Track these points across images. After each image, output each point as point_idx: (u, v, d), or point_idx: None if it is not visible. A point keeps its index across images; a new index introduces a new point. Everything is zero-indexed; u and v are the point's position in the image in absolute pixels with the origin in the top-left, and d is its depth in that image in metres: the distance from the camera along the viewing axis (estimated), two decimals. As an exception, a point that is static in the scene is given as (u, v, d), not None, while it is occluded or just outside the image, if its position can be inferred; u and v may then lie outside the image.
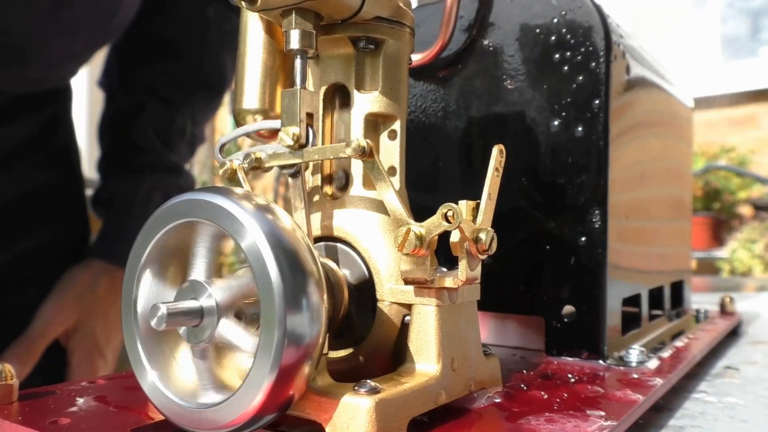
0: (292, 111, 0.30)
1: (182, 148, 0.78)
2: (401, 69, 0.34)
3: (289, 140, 0.30)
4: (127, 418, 0.29)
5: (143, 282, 0.27)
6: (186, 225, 0.26)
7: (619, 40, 0.44)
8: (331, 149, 0.30)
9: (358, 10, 0.31)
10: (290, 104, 0.30)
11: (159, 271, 0.27)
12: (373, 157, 0.29)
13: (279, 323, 0.23)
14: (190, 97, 0.77)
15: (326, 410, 0.26)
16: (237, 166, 0.31)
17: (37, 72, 0.66)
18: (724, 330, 0.57)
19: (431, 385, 0.28)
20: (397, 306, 0.30)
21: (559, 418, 0.30)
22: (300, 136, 0.30)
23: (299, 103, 0.30)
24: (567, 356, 0.43)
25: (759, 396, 0.40)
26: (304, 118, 0.30)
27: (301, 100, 0.30)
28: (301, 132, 0.30)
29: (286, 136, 0.30)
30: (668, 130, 0.58)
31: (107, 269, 0.72)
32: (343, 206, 0.33)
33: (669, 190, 0.58)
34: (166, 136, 0.76)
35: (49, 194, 0.71)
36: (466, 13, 0.47)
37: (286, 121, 0.30)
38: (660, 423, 0.36)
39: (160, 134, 0.75)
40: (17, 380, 0.31)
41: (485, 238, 0.29)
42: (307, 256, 0.24)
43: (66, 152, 0.75)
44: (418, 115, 0.49)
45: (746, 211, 2.31)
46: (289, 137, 0.30)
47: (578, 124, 0.43)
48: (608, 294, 0.42)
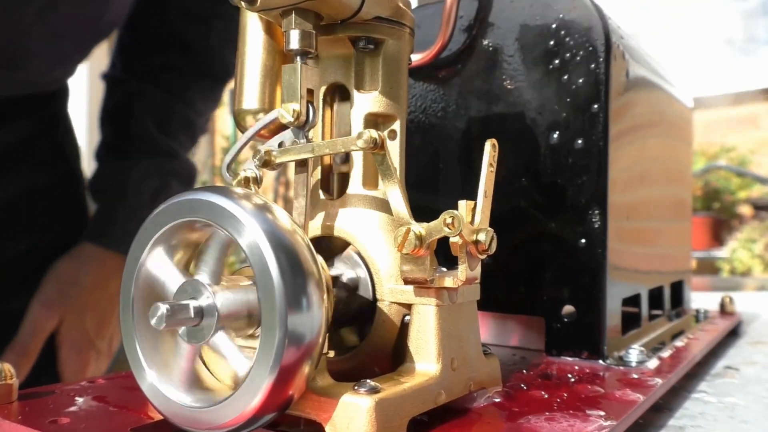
0: (292, 87, 0.30)
1: (182, 136, 0.77)
2: (401, 69, 0.34)
3: (289, 117, 0.30)
4: (126, 418, 0.29)
5: (141, 281, 0.27)
6: (188, 225, 0.26)
7: (619, 40, 0.44)
8: (341, 142, 0.29)
9: (358, 10, 0.31)
10: (291, 80, 0.30)
11: (158, 271, 0.27)
12: (384, 149, 0.29)
13: (279, 323, 0.23)
14: (191, 86, 0.76)
15: (326, 410, 0.26)
16: (250, 177, 0.31)
17: (29, 76, 0.66)
18: (724, 330, 0.57)
19: (431, 385, 0.28)
20: (396, 306, 0.30)
21: (559, 417, 0.30)
22: (300, 112, 0.30)
23: (299, 78, 0.30)
24: (567, 356, 0.43)
25: (759, 396, 0.40)
26: (304, 95, 0.30)
27: (301, 74, 0.30)
28: (301, 108, 0.30)
29: (287, 112, 0.30)
30: (668, 130, 0.58)
31: (98, 255, 0.70)
32: (343, 206, 0.33)
33: (669, 191, 0.58)
34: (165, 125, 0.75)
35: (47, 193, 0.71)
36: (465, 14, 0.47)
37: (287, 97, 0.30)
38: (660, 423, 0.36)
39: (159, 123, 0.74)
40: (17, 380, 0.31)
41: (485, 238, 0.29)
42: (307, 256, 0.24)
43: (64, 151, 0.74)
44: (417, 115, 0.49)
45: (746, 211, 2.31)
46: (289, 113, 0.30)
47: (578, 124, 0.43)
48: (608, 294, 0.42)
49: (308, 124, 0.30)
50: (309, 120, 0.30)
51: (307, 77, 0.30)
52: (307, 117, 0.30)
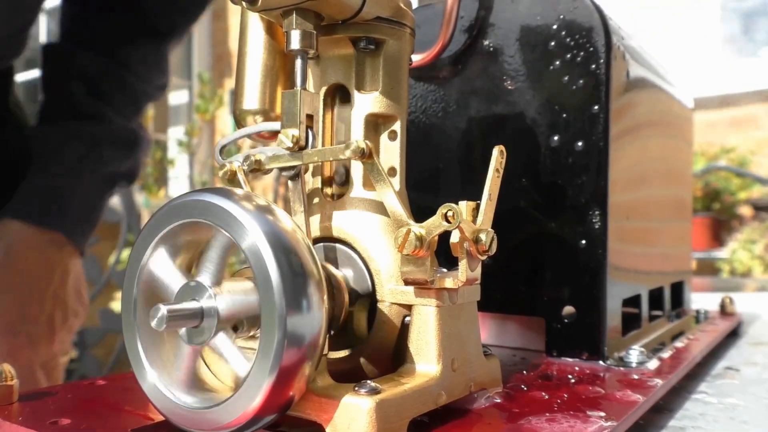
0: (291, 113, 0.30)
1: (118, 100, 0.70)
2: (401, 69, 0.34)
3: (288, 143, 0.30)
4: (127, 419, 0.29)
5: (142, 282, 0.27)
6: (189, 226, 0.26)
7: (619, 41, 0.44)
8: (330, 151, 0.30)
9: (359, 11, 0.31)
10: (290, 106, 0.30)
11: (160, 272, 0.27)
12: (372, 158, 0.29)
13: (279, 324, 0.23)
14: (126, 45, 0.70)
15: (326, 411, 0.26)
16: (237, 168, 0.31)
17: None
18: (724, 331, 0.57)
19: (431, 386, 0.28)
20: (397, 307, 0.30)
21: (560, 418, 0.30)
22: (299, 138, 0.30)
23: (299, 104, 0.30)
24: (567, 357, 0.43)
25: (759, 397, 0.40)
26: (303, 120, 0.30)
27: (301, 101, 0.30)
28: (300, 134, 0.30)
29: (286, 138, 0.30)
30: (668, 130, 0.58)
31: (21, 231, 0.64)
32: (343, 207, 0.33)
33: (669, 191, 0.58)
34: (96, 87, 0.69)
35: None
36: (466, 14, 0.47)
37: (286, 123, 0.30)
38: (660, 424, 0.36)
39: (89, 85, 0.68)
40: (17, 380, 0.31)
41: (485, 238, 0.29)
42: (307, 257, 0.24)
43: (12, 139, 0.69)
44: (418, 116, 0.49)
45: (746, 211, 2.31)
46: (288, 140, 0.30)
47: (579, 124, 0.43)
48: (608, 295, 0.42)
49: (307, 149, 0.30)
50: (308, 146, 0.30)
51: (307, 103, 0.30)
52: (306, 142, 0.30)
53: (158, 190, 2.67)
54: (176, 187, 3.43)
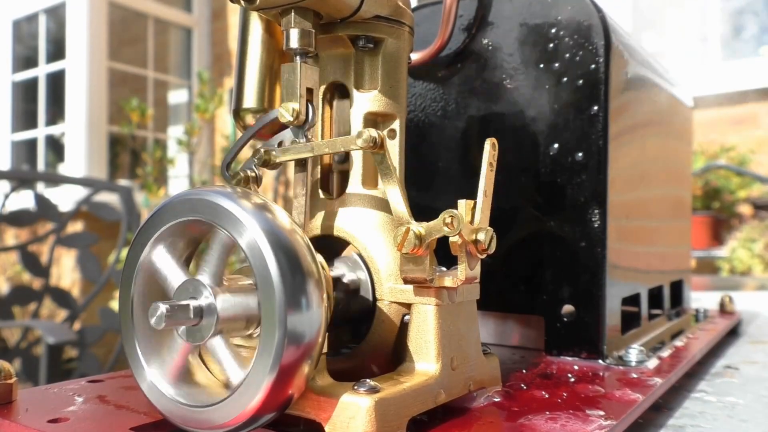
0: (291, 85, 0.30)
1: None
2: (400, 68, 0.34)
3: (288, 116, 0.30)
4: (126, 418, 0.29)
5: (140, 280, 0.27)
6: (189, 224, 0.26)
7: (618, 40, 0.44)
8: (341, 141, 0.29)
9: (358, 9, 0.31)
10: (290, 78, 0.30)
11: (158, 270, 0.27)
12: (384, 149, 0.29)
13: (279, 323, 0.23)
14: None
15: (326, 409, 0.26)
16: (249, 176, 0.31)
17: None
18: (723, 329, 0.57)
19: (431, 385, 0.28)
20: (396, 305, 0.30)
21: (559, 417, 0.30)
22: (300, 111, 0.30)
23: (299, 77, 0.30)
24: (567, 356, 0.43)
25: (759, 395, 0.40)
26: (304, 94, 0.30)
27: (301, 74, 0.30)
28: (300, 107, 0.30)
29: (286, 112, 0.30)
30: (668, 129, 0.58)
31: None
32: (343, 205, 0.33)
33: (669, 190, 0.58)
34: None
35: None
36: (465, 13, 0.47)
37: (286, 97, 0.30)
38: (659, 422, 0.36)
39: None
40: (16, 379, 0.31)
41: (484, 238, 0.29)
42: (306, 256, 0.24)
43: None
44: (417, 114, 0.49)
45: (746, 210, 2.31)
46: (288, 113, 0.30)
47: (578, 123, 0.43)
48: (608, 293, 0.42)
49: (308, 123, 0.30)
50: (308, 119, 0.30)
51: (307, 76, 0.30)
52: (307, 116, 0.30)
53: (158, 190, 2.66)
54: (176, 186, 3.43)
